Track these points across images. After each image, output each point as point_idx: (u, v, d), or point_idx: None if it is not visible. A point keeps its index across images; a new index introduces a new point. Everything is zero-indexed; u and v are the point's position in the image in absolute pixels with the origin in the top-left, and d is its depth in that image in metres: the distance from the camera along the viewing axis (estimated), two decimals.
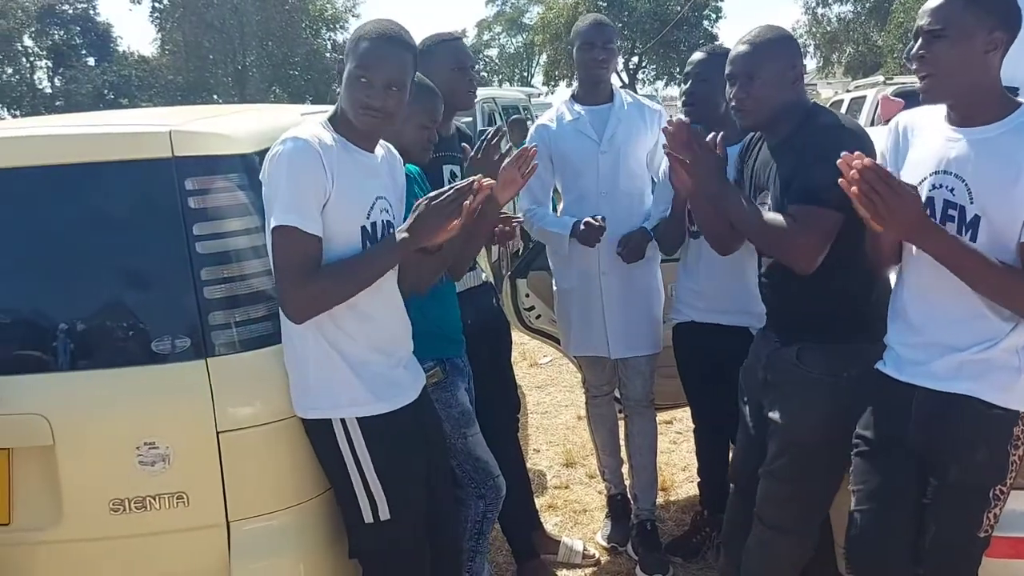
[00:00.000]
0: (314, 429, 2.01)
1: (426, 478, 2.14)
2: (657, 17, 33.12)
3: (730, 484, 2.52)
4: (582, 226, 2.90)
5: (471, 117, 8.64)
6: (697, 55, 2.85)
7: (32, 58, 35.76)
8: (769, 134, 2.26)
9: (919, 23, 1.81)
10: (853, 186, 1.71)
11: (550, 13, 35.23)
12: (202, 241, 1.94)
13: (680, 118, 2.39)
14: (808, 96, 2.31)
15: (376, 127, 1.99)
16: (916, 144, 1.94)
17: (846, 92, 13.00)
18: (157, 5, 34.87)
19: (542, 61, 39.90)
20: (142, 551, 1.99)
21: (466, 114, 7.02)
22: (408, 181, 2.24)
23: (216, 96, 33.47)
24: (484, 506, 2.52)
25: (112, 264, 1.99)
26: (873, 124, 8.97)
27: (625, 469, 3.37)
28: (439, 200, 1.95)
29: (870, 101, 10.28)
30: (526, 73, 46.45)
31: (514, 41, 47.08)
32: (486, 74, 43.62)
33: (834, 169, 1.74)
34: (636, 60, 36.13)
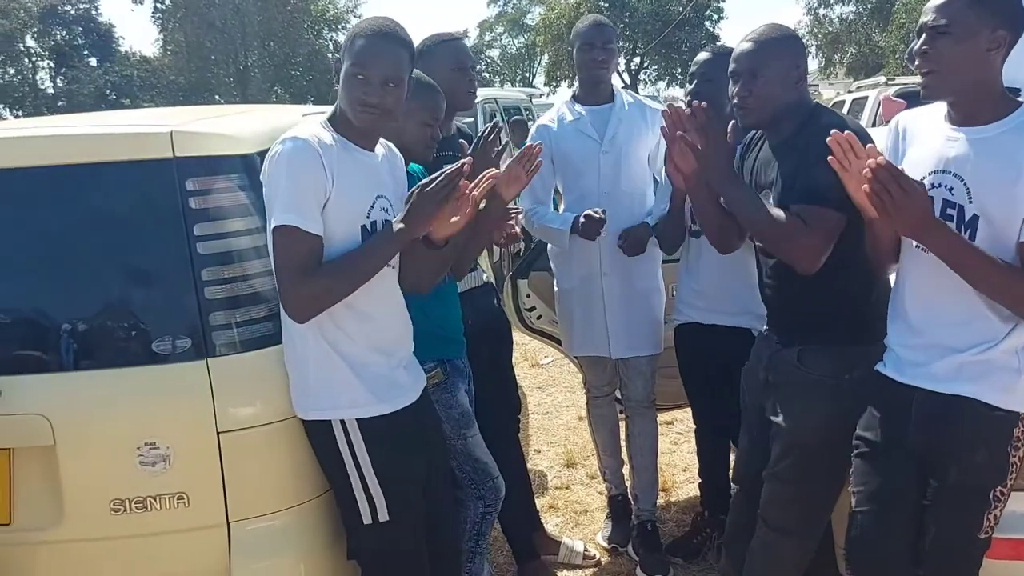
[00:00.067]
0: (314, 430, 2.01)
1: (425, 479, 2.14)
2: (659, 18, 33.09)
3: (733, 485, 2.51)
4: (582, 219, 2.89)
5: (472, 118, 8.63)
6: (702, 55, 2.84)
7: (34, 58, 35.82)
8: (771, 133, 2.25)
9: (923, 19, 1.81)
10: (865, 184, 1.71)
11: (552, 14, 35.21)
12: (203, 241, 1.94)
13: (700, 103, 2.36)
14: (811, 96, 2.31)
15: (374, 124, 1.99)
16: (916, 143, 1.94)
17: (848, 93, 13.00)
18: (159, 5, 34.92)
19: (544, 62, 39.89)
20: (143, 551, 1.99)
21: (467, 114, 7.02)
22: (411, 180, 2.24)
23: (218, 96, 33.50)
24: (483, 507, 2.52)
25: (113, 264, 2.00)
26: (875, 125, 8.97)
27: (626, 470, 3.37)
28: (431, 187, 1.95)
29: (872, 102, 10.29)
30: (528, 74, 46.43)
31: (516, 42, 47.08)
32: (488, 74, 43.60)
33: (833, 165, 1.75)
34: (638, 61, 36.12)
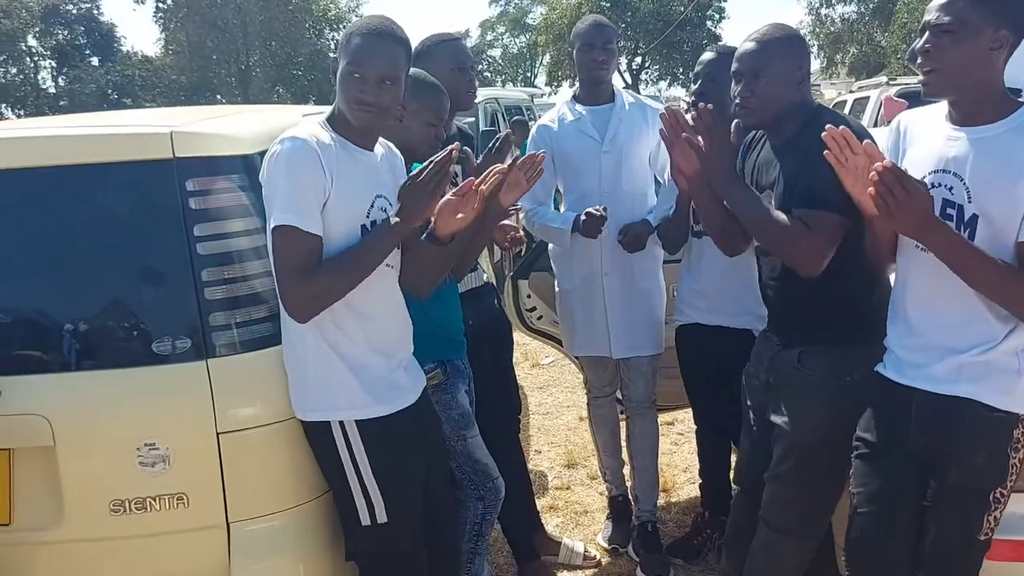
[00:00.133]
0: (312, 431, 2.01)
1: (425, 480, 2.14)
2: (660, 17, 33.09)
3: (734, 486, 2.51)
4: (583, 217, 2.89)
5: (473, 117, 8.63)
6: (707, 55, 2.83)
7: (36, 58, 35.85)
8: (773, 134, 2.24)
9: (926, 18, 1.81)
10: (870, 187, 1.71)
11: (553, 14, 35.21)
12: (203, 242, 1.94)
13: (705, 105, 2.35)
14: (813, 97, 2.30)
15: (371, 122, 1.98)
16: (916, 143, 1.94)
17: (849, 93, 13.00)
18: (161, 5, 34.96)
19: (545, 62, 39.90)
20: (142, 552, 1.99)
21: (468, 114, 7.01)
22: None
23: (220, 96, 33.53)
24: (483, 508, 2.52)
25: (113, 265, 1.99)
26: (876, 125, 8.96)
27: (626, 470, 3.37)
28: (421, 177, 1.95)
29: (873, 102, 10.28)
30: (529, 73, 46.44)
31: (517, 41, 47.10)
32: (489, 74, 43.62)
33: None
34: (639, 60, 36.12)
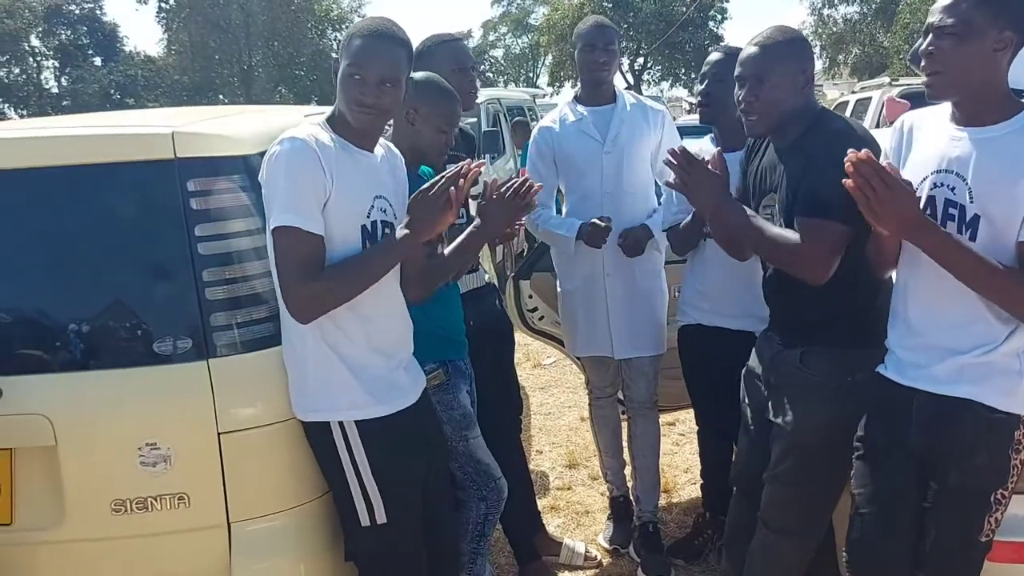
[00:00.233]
0: (312, 431, 2.01)
1: (425, 481, 2.14)
2: (662, 18, 33.08)
3: (732, 487, 2.51)
4: (588, 227, 2.91)
5: (475, 118, 8.63)
6: (714, 55, 2.83)
7: (39, 58, 35.92)
8: (777, 137, 2.23)
9: (930, 20, 1.81)
10: (849, 179, 1.71)
11: (556, 14, 35.19)
12: (204, 242, 1.94)
13: (679, 145, 2.37)
14: (817, 100, 2.29)
15: (371, 124, 1.99)
16: (920, 143, 1.94)
17: (852, 93, 12.98)
18: (163, 5, 35.03)
19: (547, 62, 39.87)
20: (143, 552, 2.00)
21: (470, 115, 7.01)
22: (422, 182, 2.23)
23: (222, 96, 33.57)
24: (486, 508, 2.52)
25: (114, 265, 1.99)
26: (878, 126, 8.95)
27: (628, 471, 3.37)
28: (433, 191, 1.96)
29: (875, 102, 10.27)
30: (531, 74, 46.48)
31: (519, 42, 47.13)
32: (491, 75, 43.65)
33: (843, 179, 1.74)
34: (641, 61, 36.11)
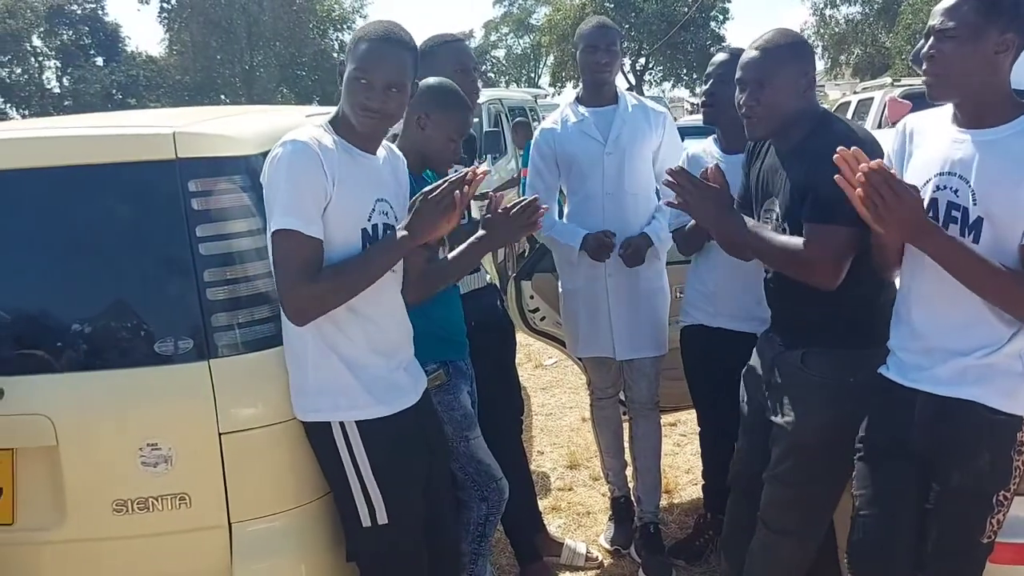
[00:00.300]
0: (313, 432, 2.01)
1: (425, 481, 2.14)
2: (664, 18, 33.07)
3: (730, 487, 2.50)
4: (592, 241, 2.94)
5: (477, 118, 8.63)
6: (719, 56, 2.84)
7: (41, 58, 35.97)
8: (779, 141, 2.23)
9: (931, 22, 1.80)
10: (858, 188, 1.71)
11: (557, 14, 35.18)
12: (205, 243, 1.94)
13: (678, 166, 2.37)
14: (819, 102, 2.29)
15: (376, 128, 1.99)
16: (922, 145, 1.93)
17: (854, 94, 12.96)
18: (165, 5, 35.08)
19: (549, 62, 39.84)
20: (144, 552, 2.00)
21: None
22: (424, 185, 2.24)
23: (224, 96, 33.61)
24: (487, 509, 2.51)
25: (115, 265, 1.99)
26: (881, 127, 8.94)
27: (629, 471, 3.37)
28: (434, 195, 1.96)
29: (877, 103, 10.25)
30: (533, 74, 46.48)
31: (521, 42, 47.13)
32: (493, 75, 43.67)
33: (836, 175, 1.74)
34: (643, 61, 36.11)
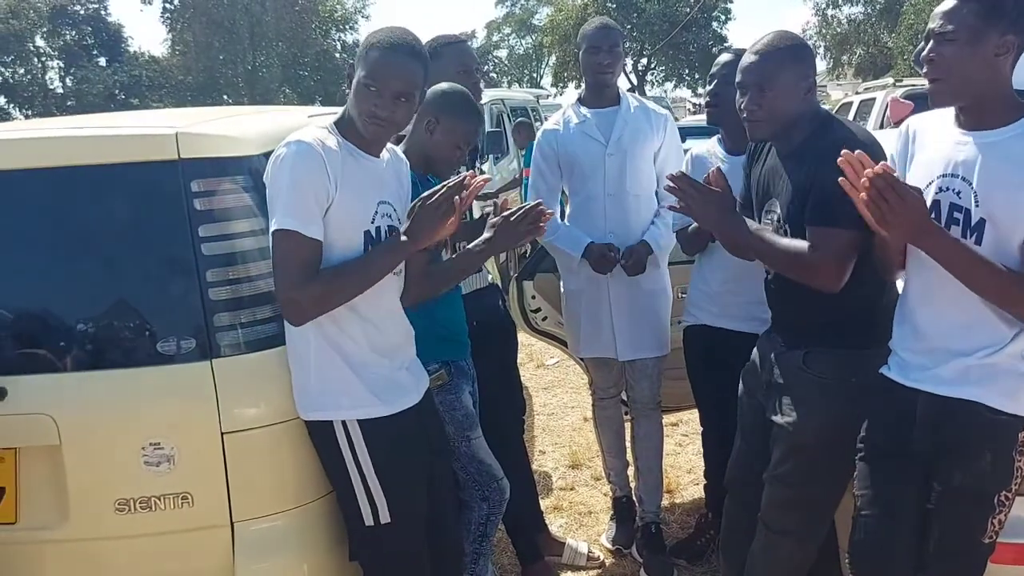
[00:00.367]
0: (315, 431, 2.02)
1: (428, 480, 2.14)
2: (666, 19, 33.08)
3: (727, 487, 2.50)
4: (595, 251, 2.96)
5: None
6: (724, 56, 2.84)
7: (44, 58, 36.03)
8: (780, 143, 2.22)
9: (931, 25, 1.80)
10: (862, 192, 1.71)
11: (559, 15, 35.19)
12: (208, 243, 1.95)
13: (679, 171, 2.38)
14: (821, 103, 2.29)
15: (382, 136, 1.99)
16: (925, 147, 1.93)
17: (856, 94, 12.95)
18: (168, 6, 35.12)
19: (551, 62, 39.86)
20: (147, 551, 2.00)
21: None
22: (428, 188, 2.24)
23: (226, 96, 33.64)
24: (488, 509, 2.51)
25: (118, 265, 2.00)
26: (883, 127, 8.93)
27: (631, 471, 3.37)
28: (433, 200, 1.96)
29: (880, 103, 10.23)
30: (535, 74, 46.50)
31: (523, 42, 47.14)
32: (495, 75, 43.67)
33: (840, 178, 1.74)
34: (645, 62, 36.10)
